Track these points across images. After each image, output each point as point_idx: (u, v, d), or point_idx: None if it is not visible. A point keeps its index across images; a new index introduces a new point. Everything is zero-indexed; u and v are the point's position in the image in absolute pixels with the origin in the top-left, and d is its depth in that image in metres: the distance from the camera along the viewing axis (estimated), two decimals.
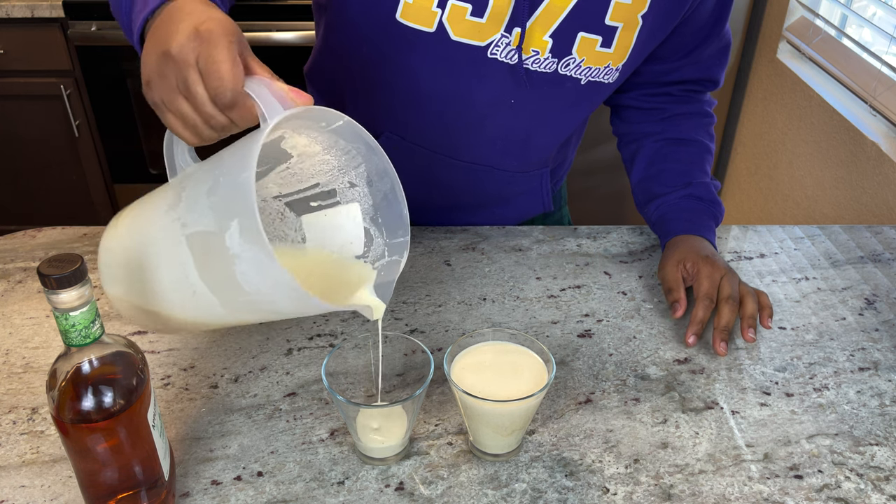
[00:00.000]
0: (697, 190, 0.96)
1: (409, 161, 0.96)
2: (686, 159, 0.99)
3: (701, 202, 0.96)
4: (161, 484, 0.61)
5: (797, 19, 1.88)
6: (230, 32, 0.60)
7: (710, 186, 0.97)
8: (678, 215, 0.95)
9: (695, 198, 0.96)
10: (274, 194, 0.71)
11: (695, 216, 0.95)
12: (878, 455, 0.70)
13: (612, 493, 0.65)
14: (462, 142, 0.93)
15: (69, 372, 0.54)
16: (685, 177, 0.97)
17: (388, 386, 0.71)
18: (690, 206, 0.96)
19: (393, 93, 0.91)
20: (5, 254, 0.95)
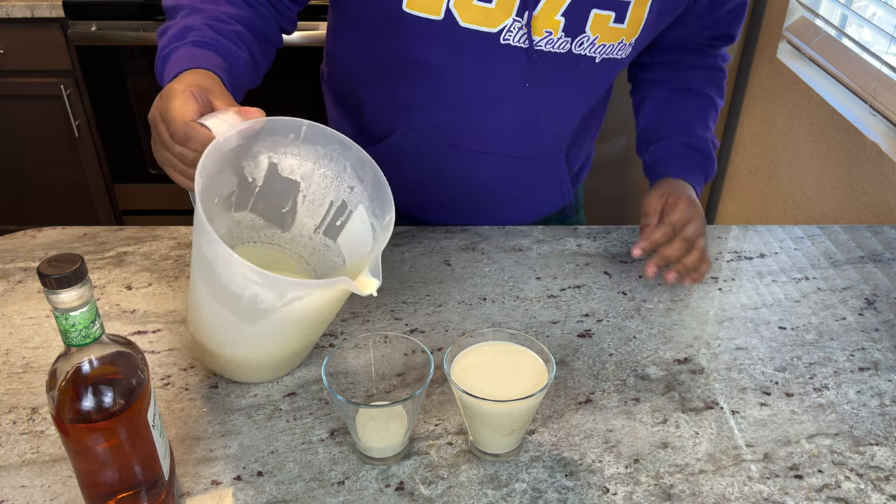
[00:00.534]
0: (696, 142, 0.98)
1: (426, 155, 0.96)
2: (692, 110, 1.01)
3: (697, 153, 0.98)
4: (161, 484, 0.61)
5: (797, 19, 1.88)
6: (190, 85, 0.69)
7: (709, 142, 0.99)
8: (673, 161, 0.98)
9: (692, 148, 0.98)
10: (312, 229, 0.77)
11: (688, 165, 0.97)
12: (878, 455, 0.70)
13: (612, 493, 0.65)
14: (477, 131, 0.93)
15: (69, 372, 0.54)
16: (687, 127, 0.99)
17: (388, 386, 0.71)
18: (686, 155, 0.98)
19: (405, 86, 0.90)
20: (5, 254, 0.95)
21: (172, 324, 0.84)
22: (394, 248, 0.97)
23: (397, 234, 0.99)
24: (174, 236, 0.98)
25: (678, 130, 0.99)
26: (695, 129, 0.99)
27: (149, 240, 0.98)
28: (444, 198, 1.02)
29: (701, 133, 0.99)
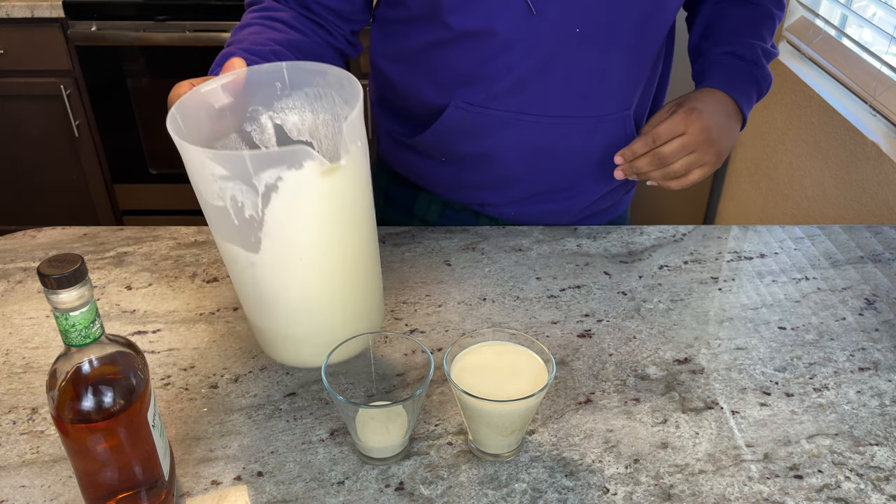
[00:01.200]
0: (741, 49, 0.92)
1: (485, 130, 0.92)
2: (740, 20, 0.95)
3: (743, 62, 0.91)
4: (161, 484, 0.61)
5: (797, 19, 1.88)
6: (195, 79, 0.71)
7: (758, 48, 0.93)
8: (713, 70, 0.92)
9: (736, 56, 0.92)
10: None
11: (729, 74, 0.90)
12: (878, 455, 0.70)
13: (612, 493, 0.65)
14: (531, 91, 0.88)
15: (69, 372, 0.54)
16: (733, 35, 0.94)
17: (388, 386, 0.71)
18: (730, 64, 0.91)
19: (443, 54, 0.87)
20: (5, 254, 0.95)
21: (172, 324, 0.84)
22: (394, 248, 0.97)
23: (397, 234, 0.99)
24: (174, 236, 0.98)
25: (723, 39, 0.93)
26: (740, 36, 0.92)
27: (149, 240, 0.98)
28: (509, 177, 0.96)
29: (747, 40, 0.92)
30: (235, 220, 0.63)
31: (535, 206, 1.01)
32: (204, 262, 0.94)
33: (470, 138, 0.94)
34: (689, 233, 1.02)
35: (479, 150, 0.95)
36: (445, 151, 0.97)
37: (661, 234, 1.01)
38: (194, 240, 0.98)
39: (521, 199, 1.01)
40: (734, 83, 0.90)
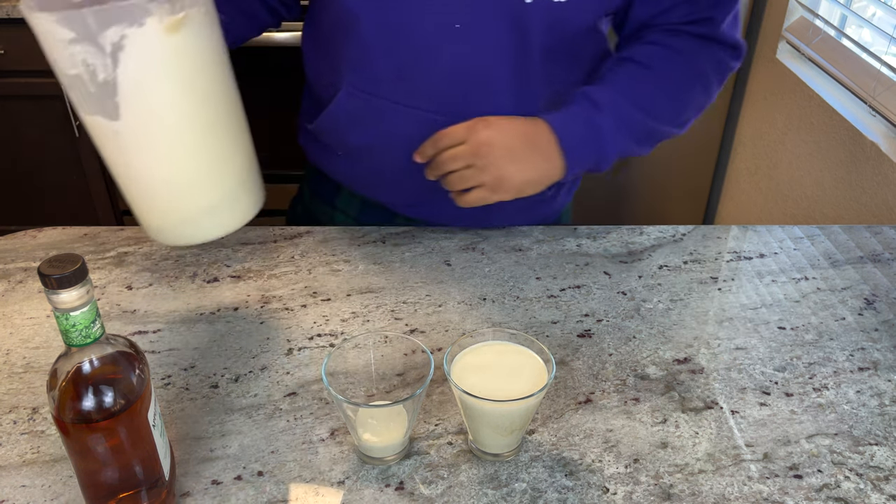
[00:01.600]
0: (609, 110, 0.83)
1: (371, 118, 0.91)
2: (649, 80, 0.87)
3: (594, 128, 0.83)
4: (161, 484, 0.61)
5: (797, 20, 1.88)
6: None
7: (612, 93, 0.84)
8: (566, 108, 0.84)
9: (598, 112, 0.83)
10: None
11: (574, 125, 0.83)
12: (877, 455, 0.70)
13: (611, 492, 0.65)
14: (414, 83, 0.86)
15: (70, 372, 0.54)
16: (620, 91, 0.85)
17: (388, 386, 0.71)
18: (582, 116, 0.83)
19: (339, 37, 0.87)
20: (6, 254, 0.95)
21: (173, 324, 0.84)
22: (394, 248, 0.97)
23: (397, 234, 1.00)
24: None
25: (606, 85, 0.85)
26: (626, 96, 0.84)
27: (149, 240, 0.98)
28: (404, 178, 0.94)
29: (630, 108, 0.84)
30: (91, 87, 0.64)
31: (443, 207, 0.95)
32: (204, 263, 0.94)
33: (358, 127, 0.92)
34: (688, 233, 1.02)
35: (367, 141, 0.93)
36: (340, 142, 0.96)
37: (661, 234, 1.01)
38: None
39: (422, 199, 0.98)
40: (570, 133, 0.82)
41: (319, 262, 0.94)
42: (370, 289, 0.90)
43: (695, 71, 0.89)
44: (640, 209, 2.35)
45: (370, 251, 0.96)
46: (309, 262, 0.94)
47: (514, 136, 0.81)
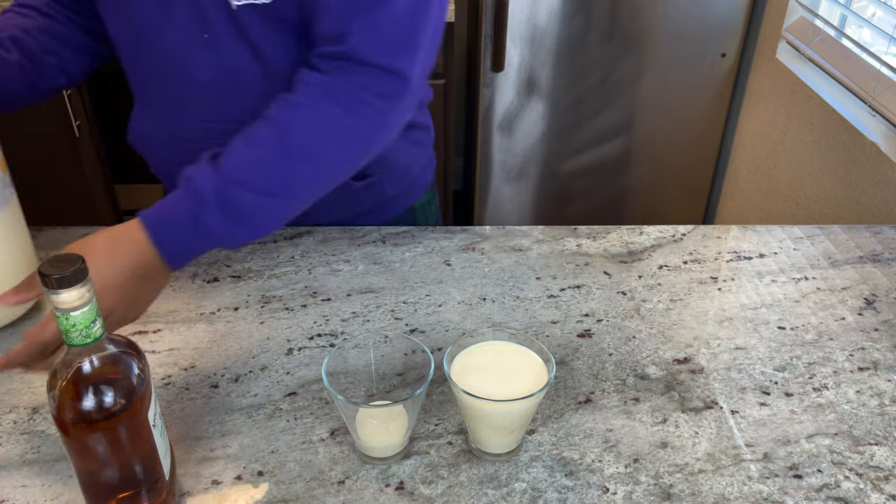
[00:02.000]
0: (196, 172, 0.71)
1: (166, 137, 0.90)
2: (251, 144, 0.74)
3: (189, 182, 0.71)
4: (161, 483, 0.61)
5: (797, 20, 1.88)
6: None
7: (219, 178, 0.70)
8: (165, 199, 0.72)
9: (185, 177, 0.72)
10: None
11: (174, 212, 0.70)
12: (877, 455, 0.70)
13: (611, 492, 0.66)
14: (137, 80, 0.88)
15: (70, 372, 0.54)
16: (236, 166, 0.72)
17: (388, 386, 0.71)
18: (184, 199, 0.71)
19: (119, 48, 0.89)
20: None
21: (173, 324, 0.84)
22: (394, 248, 0.97)
23: (397, 235, 1.00)
24: None
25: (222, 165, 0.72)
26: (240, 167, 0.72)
27: None
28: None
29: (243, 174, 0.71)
30: None
31: None
32: (204, 263, 0.94)
33: (149, 142, 0.94)
34: (688, 233, 1.02)
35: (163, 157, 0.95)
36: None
37: (661, 234, 1.01)
38: None
39: None
40: (171, 240, 0.69)
41: (319, 262, 0.94)
42: (370, 289, 0.90)
43: (326, 117, 0.74)
44: (640, 209, 2.35)
45: (370, 251, 0.96)
46: (309, 262, 0.94)
47: (121, 273, 0.67)
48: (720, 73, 2.11)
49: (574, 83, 2.11)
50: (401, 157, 0.98)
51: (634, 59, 2.08)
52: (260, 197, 0.71)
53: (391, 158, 0.95)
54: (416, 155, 1.03)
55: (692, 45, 2.06)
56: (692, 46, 2.06)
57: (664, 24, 2.02)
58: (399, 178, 1.01)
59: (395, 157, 0.97)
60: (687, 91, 2.14)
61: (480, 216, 2.34)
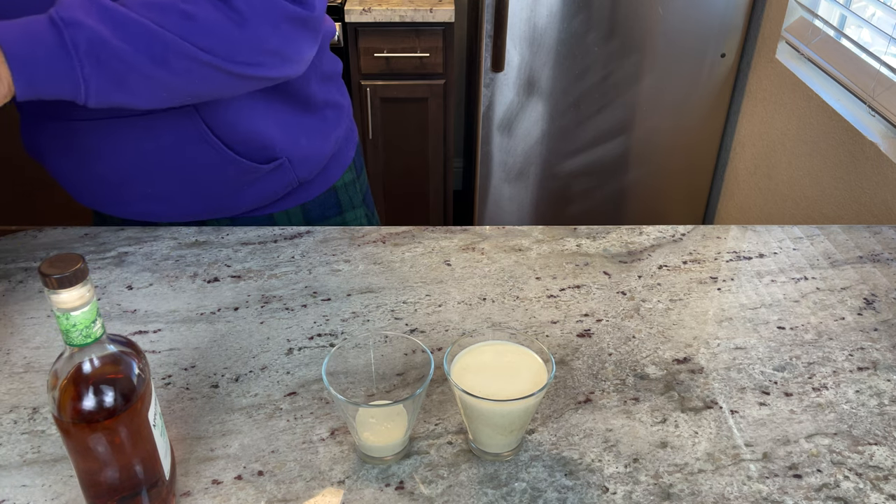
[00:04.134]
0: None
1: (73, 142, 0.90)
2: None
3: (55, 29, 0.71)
4: (162, 483, 0.61)
5: (796, 20, 1.88)
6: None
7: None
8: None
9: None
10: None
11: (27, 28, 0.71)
12: (876, 454, 0.70)
13: (611, 492, 0.66)
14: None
15: (70, 372, 0.54)
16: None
17: (388, 386, 0.71)
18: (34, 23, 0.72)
19: None
20: (7, 254, 0.95)
21: (173, 324, 0.84)
22: (394, 248, 0.97)
23: (397, 235, 1.00)
24: (175, 236, 0.99)
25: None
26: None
27: (149, 240, 0.98)
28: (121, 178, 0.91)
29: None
30: None
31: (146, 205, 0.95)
32: (205, 263, 0.94)
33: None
34: (688, 233, 1.02)
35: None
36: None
37: (661, 234, 1.01)
38: (195, 240, 0.98)
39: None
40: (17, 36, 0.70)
41: (319, 262, 0.94)
42: (370, 289, 0.90)
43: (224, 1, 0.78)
44: (640, 209, 2.35)
45: (370, 251, 0.96)
46: (309, 262, 0.94)
47: None
48: (720, 73, 2.11)
49: (574, 83, 2.11)
50: (305, 137, 0.98)
51: (634, 59, 2.08)
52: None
53: (293, 138, 0.96)
54: (326, 132, 1.01)
55: (692, 45, 2.06)
56: (692, 46, 2.06)
57: (664, 25, 2.02)
58: (310, 160, 1.00)
59: (298, 137, 0.97)
60: (687, 91, 2.14)
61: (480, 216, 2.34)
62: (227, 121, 0.90)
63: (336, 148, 1.04)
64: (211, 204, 0.97)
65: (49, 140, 0.94)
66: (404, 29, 2.07)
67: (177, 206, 0.96)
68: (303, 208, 1.04)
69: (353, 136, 1.10)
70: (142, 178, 0.92)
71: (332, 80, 1.01)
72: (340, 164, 1.06)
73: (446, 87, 2.16)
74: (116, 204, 0.97)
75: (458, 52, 2.64)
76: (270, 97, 0.93)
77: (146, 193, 0.94)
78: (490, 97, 2.12)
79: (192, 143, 0.90)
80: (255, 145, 0.93)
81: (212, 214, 0.99)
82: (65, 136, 0.91)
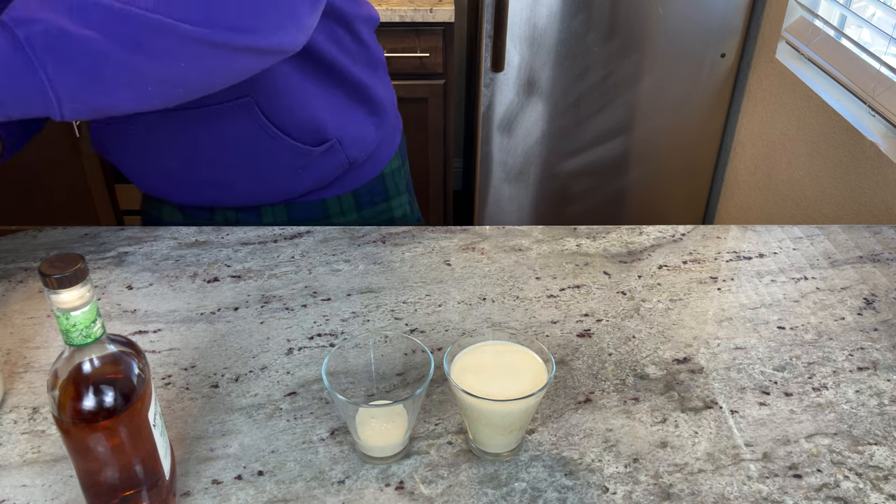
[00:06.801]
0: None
1: (129, 132, 0.93)
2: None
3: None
4: (162, 483, 0.61)
5: (796, 20, 1.88)
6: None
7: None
8: None
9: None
10: None
11: None
12: (876, 454, 0.70)
13: (611, 492, 0.66)
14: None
15: (70, 372, 0.54)
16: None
17: (388, 386, 0.71)
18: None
19: None
20: (7, 254, 0.95)
21: (173, 323, 0.84)
22: (394, 248, 0.97)
23: (397, 234, 1.00)
24: (175, 236, 0.99)
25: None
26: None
27: (150, 240, 0.98)
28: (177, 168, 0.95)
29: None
30: None
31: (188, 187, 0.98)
32: (205, 263, 0.94)
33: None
34: (688, 233, 1.02)
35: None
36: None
37: (661, 234, 1.01)
38: (195, 240, 0.98)
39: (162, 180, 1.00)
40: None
41: (319, 262, 0.94)
42: (370, 289, 0.90)
43: None
44: (640, 209, 2.35)
45: (370, 251, 0.96)
46: (309, 262, 0.94)
47: None
48: (720, 73, 2.11)
49: (574, 83, 2.11)
50: (354, 119, 1.00)
51: (634, 59, 2.08)
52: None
53: (343, 121, 0.99)
54: (373, 116, 1.04)
55: (692, 45, 2.06)
56: (692, 46, 2.06)
57: (664, 25, 2.02)
58: (359, 141, 1.01)
59: (347, 119, 0.99)
60: (687, 91, 2.14)
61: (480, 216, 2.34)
62: (283, 107, 0.93)
63: (383, 134, 1.07)
64: (267, 189, 1.00)
65: (114, 136, 0.96)
66: (404, 29, 2.07)
67: (235, 192, 1.00)
68: (354, 194, 1.07)
69: (398, 125, 1.13)
70: (202, 167, 0.96)
71: (378, 68, 1.04)
72: (388, 151, 1.09)
73: (446, 87, 2.16)
74: (177, 192, 1.01)
75: (458, 52, 2.64)
76: (323, 82, 0.95)
77: (206, 181, 0.98)
78: (490, 97, 2.12)
79: (250, 132, 0.92)
80: (308, 128, 0.95)
81: (268, 199, 1.02)
82: (128, 131, 0.94)
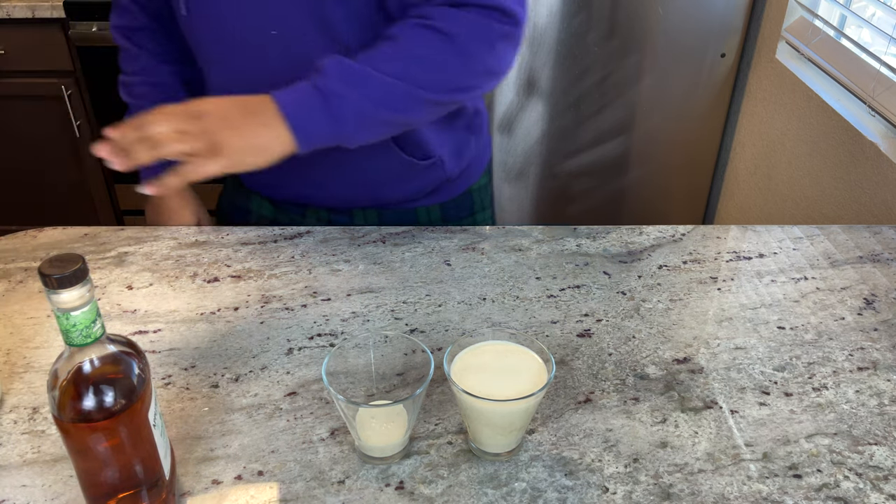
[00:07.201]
0: (320, 62, 0.82)
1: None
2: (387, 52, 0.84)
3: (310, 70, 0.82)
4: (162, 483, 0.61)
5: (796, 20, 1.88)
6: None
7: (338, 59, 0.82)
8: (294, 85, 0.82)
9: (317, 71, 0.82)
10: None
11: (300, 93, 0.81)
12: (876, 454, 0.70)
13: (611, 492, 0.66)
14: (217, 81, 0.95)
15: (70, 372, 0.54)
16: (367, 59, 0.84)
17: (388, 386, 0.71)
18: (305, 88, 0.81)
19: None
20: (6, 254, 0.95)
21: (173, 323, 0.84)
22: (394, 248, 0.97)
23: (397, 234, 1.00)
24: (175, 236, 0.99)
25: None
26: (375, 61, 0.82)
27: (150, 240, 0.98)
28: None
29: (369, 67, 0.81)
30: None
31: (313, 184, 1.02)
32: (205, 263, 0.94)
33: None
34: (688, 233, 1.02)
35: None
36: None
37: (661, 234, 1.01)
38: (195, 240, 0.98)
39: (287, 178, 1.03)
40: (290, 99, 0.81)
41: (319, 262, 0.94)
42: (370, 289, 0.90)
43: (443, 34, 0.84)
44: (640, 209, 2.35)
45: (370, 251, 0.96)
46: (309, 262, 0.94)
47: (230, 105, 0.80)
48: (720, 73, 2.11)
49: (574, 83, 2.11)
50: (455, 138, 1.04)
51: (634, 59, 2.08)
52: (381, 75, 0.81)
53: (446, 138, 1.02)
54: (471, 134, 1.07)
55: (692, 45, 2.06)
56: (692, 46, 2.06)
57: (664, 24, 2.02)
58: (459, 159, 1.06)
59: (450, 137, 1.03)
60: (687, 91, 2.14)
61: None
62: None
63: (477, 151, 1.09)
64: (364, 193, 1.02)
65: None
66: None
67: (329, 192, 1.02)
68: (441, 206, 1.08)
69: (489, 142, 1.15)
70: (308, 167, 0.97)
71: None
72: (478, 168, 1.11)
73: None
74: (275, 187, 1.04)
75: None
76: None
77: (304, 178, 1.00)
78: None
79: (371, 148, 0.93)
80: (416, 143, 0.99)
81: (361, 203, 1.04)
82: None
